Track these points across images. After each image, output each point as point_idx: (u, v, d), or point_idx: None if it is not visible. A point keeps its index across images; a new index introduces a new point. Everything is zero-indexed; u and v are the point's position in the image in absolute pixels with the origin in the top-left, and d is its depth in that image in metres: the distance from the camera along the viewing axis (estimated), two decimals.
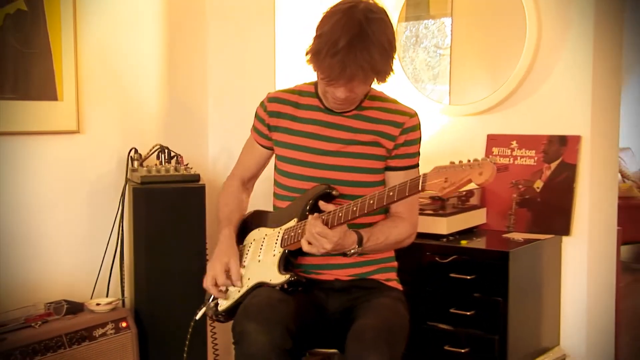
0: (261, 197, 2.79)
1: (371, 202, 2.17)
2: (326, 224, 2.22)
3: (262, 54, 3.58)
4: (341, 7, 2.21)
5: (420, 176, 2.06)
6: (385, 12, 2.25)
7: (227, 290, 2.45)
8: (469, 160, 2.01)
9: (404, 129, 2.41)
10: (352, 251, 2.28)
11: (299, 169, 2.46)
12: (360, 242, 2.28)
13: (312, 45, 2.24)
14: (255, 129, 2.60)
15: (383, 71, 2.23)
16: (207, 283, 2.45)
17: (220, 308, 2.47)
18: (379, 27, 2.19)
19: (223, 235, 2.53)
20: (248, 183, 2.72)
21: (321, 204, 2.31)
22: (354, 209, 2.19)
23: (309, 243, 2.23)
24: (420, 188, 2.06)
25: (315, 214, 2.25)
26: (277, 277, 2.35)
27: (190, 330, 2.69)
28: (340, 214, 2.22)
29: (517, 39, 3.26)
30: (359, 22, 2.15)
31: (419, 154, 2.47)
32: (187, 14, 3.64)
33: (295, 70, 3.45)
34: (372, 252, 2.41)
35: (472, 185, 2.01)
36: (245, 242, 2.55)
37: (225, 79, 3.73)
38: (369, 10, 2.20)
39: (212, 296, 2.52)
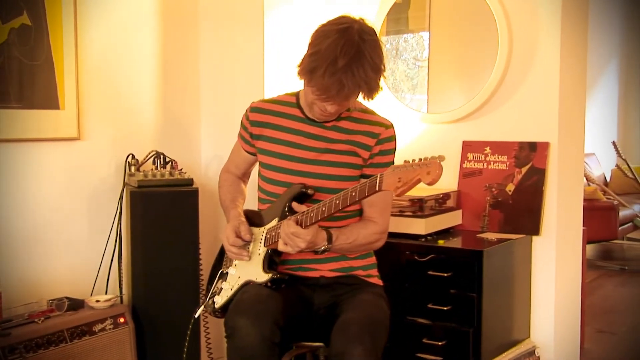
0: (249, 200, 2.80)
1: (337, 202, 2.17)
2: (300, 224, 2.23)
3: (250, 68, 3.58)
4: (336, 28, 2.17)
5: (377, 176, 2.05)
6: (376, 33, 2.24)
7: (244, 248, 2.44)
8: (420, 159, 1.98)
9: (380, 139, 2.41)
10: (322, 248, 2.28)
11: (279, 175, 2.45)
12: (329, 239, 2.29)
13: (305, 61, 2.20)
14: (240, 135, 2.60)
15: (375, 89, 2.22)
16: (225, 245, 2.46)
17: (216, 305, 2.47)
18: (373, 48, 2.18)
19: (232, 215, 2.53)
20: (243, 177, 2.74)
21: (294, 205, 2.31)
22: (323, 209, 2.19)
23: (285, 243, 2.24)
24: (377, 188, 2.05)
25: (291, 216, 2.26)
26: (262, 276, 2.36)
27: (190, 327, 2.69)
28: (311, 214, 2.22)
29: (490, 52, 3.28)
30: (356, 44, 2.13)
31: (393, 163, 2.43)
32: (181, 29, 3.64)
33: (283, 82, 3.46)
34: (343, 252, 2.41)
35: (425, 185, 1.99)
36: None
37: (216, 90, 3.73)
38: (363, 31, 2.17)
39: (210, 294, 2.52)
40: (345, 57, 2.12)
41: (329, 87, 2.15)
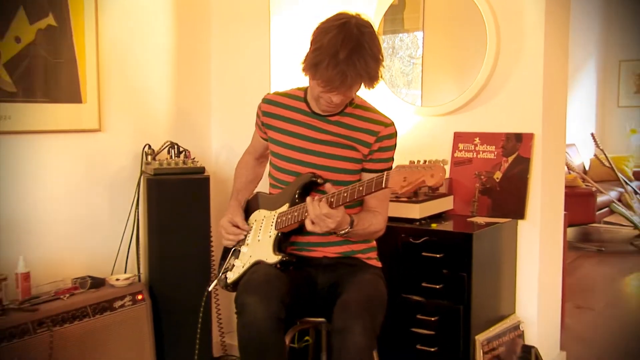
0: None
1: (345, 194, 2.16)
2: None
3: (257, 64, 3.58)
4: (335, 23, 2.18)
5: (383, 174, 2.04)
6: (372, 25, 2.24)
7: (241, 238, 2.52)
8: (425, 162, 1.97)
9: (379, 137, 2.38)
10: (343, 232, 2.27)
11: (286, 164, 2.45)
12: (351, 224, 2.27)
13: (309, 57, 2.20)
14: (256, 123, 2.61)
15: (376, 78, 2.21)
16: (223, 234, 2.54)
17: (228, 280, 2.48)
18: (371, 39, 2.18)
19: (231, 205, 2.60)
20: (260, 158, 2.74)
21: (327, 186, 2.30)
22: (331, 200, 2.18)
23: (313, 223, 2.20)
24: (383, 185, 2.04)
25: (319, 196, 2.22)
26: (272, 257, 2.36)
27: (204, 299, 2.70)
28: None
29: (480, 50, 3.27)
30: (355, 36, 2.13)
31: (392, 159, 2.42)
32: (193, 30, 3.64)
33: (287, 78, 3.46)
34: (356, 237, 2.40)
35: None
36: (249, 222, 2.55)
37: (225, 85, 3.73)
38: (361, 25, 2.18)
39: (223, 269, 2.53)
40: (346, 49, 2.12)
41: (333, 79, 2.15)
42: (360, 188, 2.12)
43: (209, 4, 3.71)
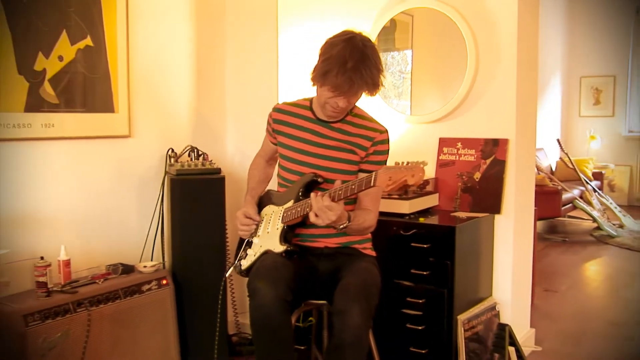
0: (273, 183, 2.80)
1: (340, 192, 2.15)
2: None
3: (266, 79, 3.59)
4: (343, 38, 2.20)
5: (372, 174, 2.03)
6: (373, 41, 2.27)
7: (253, 228, 2.50)
8: (407, 163, 1.97)
9: (374, 142, 2.39)
10: (342, 226, 2.26)
11: (293, 165, 2.44)
12: (349, 219, 2.27)
13: (319, 67, 2.22)
14: (266, 129, 2.60)
15: (377, 85, 2.23)
16: (238, 225, 2.52)
17: (242, 267, 2.48)
18: (374, 52, 2.21)
19: (247, 200, 2.59)
20: (270, 160, 2.73)
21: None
22: (332, 195, 2.17)
23: (316, 215, 2.18)
24: (372, 184, 2.03)
25: (320, 192, 2.21)
26: (278, 247, 2.35)
27: (222, 284, 2.71)
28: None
29: (461, 67, 3.26)
30: (360, 49, 2.16)
31: (385, 162, 2.42)
32: (210, 49, 3.63)
33: (292, 90, 3.45)
34: (351, 232, 2.38)
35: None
36: (261, 215, 2.54)
37: (238, 97, 3.73)
38: (365, 40, 2.22)
39: (238, 257, 2.52)
40: (353, 59, 2.14)
41: (341, 85, 2.16)
42: (353, 186, 2.12)
43: (224, 31, 3.70)
